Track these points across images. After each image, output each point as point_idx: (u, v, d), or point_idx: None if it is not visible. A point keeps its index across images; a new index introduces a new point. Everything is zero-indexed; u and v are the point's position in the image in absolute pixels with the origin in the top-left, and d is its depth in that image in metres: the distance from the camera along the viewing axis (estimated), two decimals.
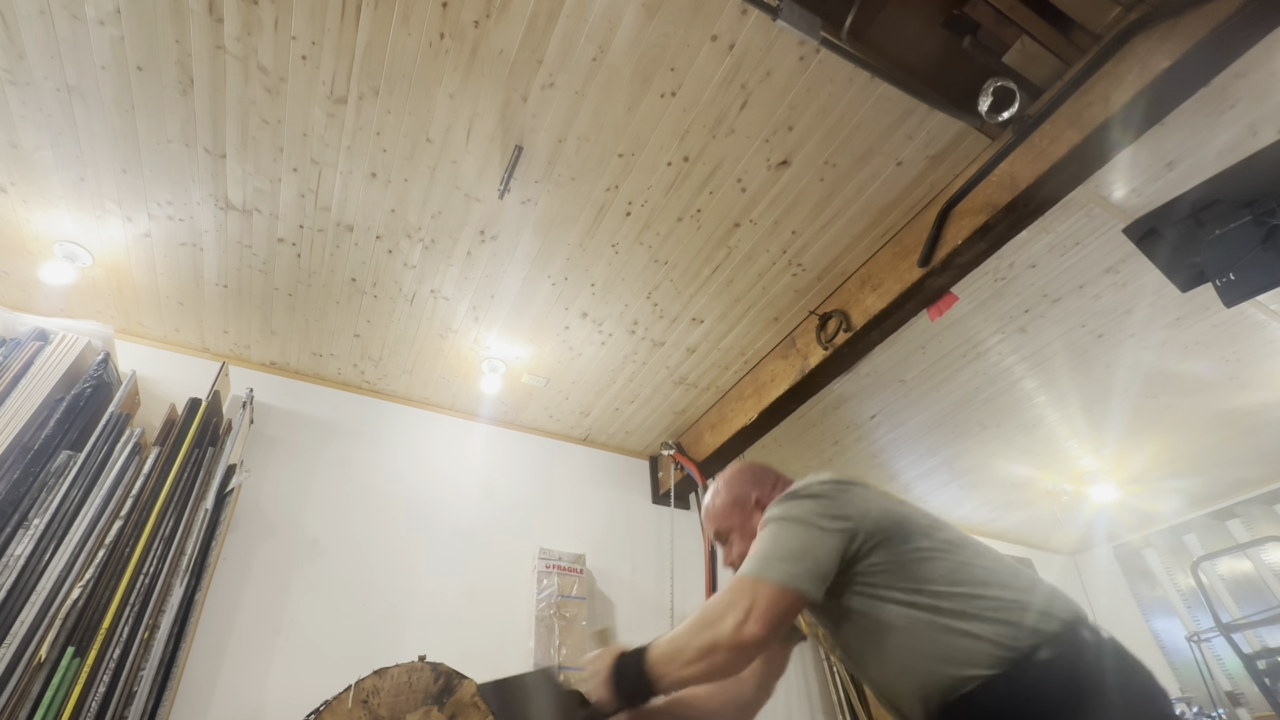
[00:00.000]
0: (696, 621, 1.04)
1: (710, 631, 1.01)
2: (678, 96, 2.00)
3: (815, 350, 2.75)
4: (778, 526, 1.10)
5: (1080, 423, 3.68)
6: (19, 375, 2.22)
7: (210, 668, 2.34)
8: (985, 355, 3.14)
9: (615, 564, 3.41)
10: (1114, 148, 1.84)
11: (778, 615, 1.00)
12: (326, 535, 2.79)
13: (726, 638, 0.99)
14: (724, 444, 3.29)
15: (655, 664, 1.04)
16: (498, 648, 2.86)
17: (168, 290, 2.68)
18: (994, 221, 2.06)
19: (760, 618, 0.98)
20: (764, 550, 1.07)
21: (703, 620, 1.03)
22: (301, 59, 1.89)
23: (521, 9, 1.78)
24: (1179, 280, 2.32)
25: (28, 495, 2.05)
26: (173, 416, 2.55)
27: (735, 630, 0.98)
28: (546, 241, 2.50)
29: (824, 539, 1.06)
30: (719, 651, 0.99)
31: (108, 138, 2.08)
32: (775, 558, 1.05)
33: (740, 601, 1.01)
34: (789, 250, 2.56)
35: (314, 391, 3.17)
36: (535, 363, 3.15)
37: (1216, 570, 4.47)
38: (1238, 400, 3.49)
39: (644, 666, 1.05)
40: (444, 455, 3.31)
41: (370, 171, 2.22)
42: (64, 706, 1.84)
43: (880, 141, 2.14)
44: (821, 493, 1.13)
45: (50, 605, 1.95)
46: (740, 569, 1.08)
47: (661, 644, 1.06)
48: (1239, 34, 1.57)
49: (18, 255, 2.50)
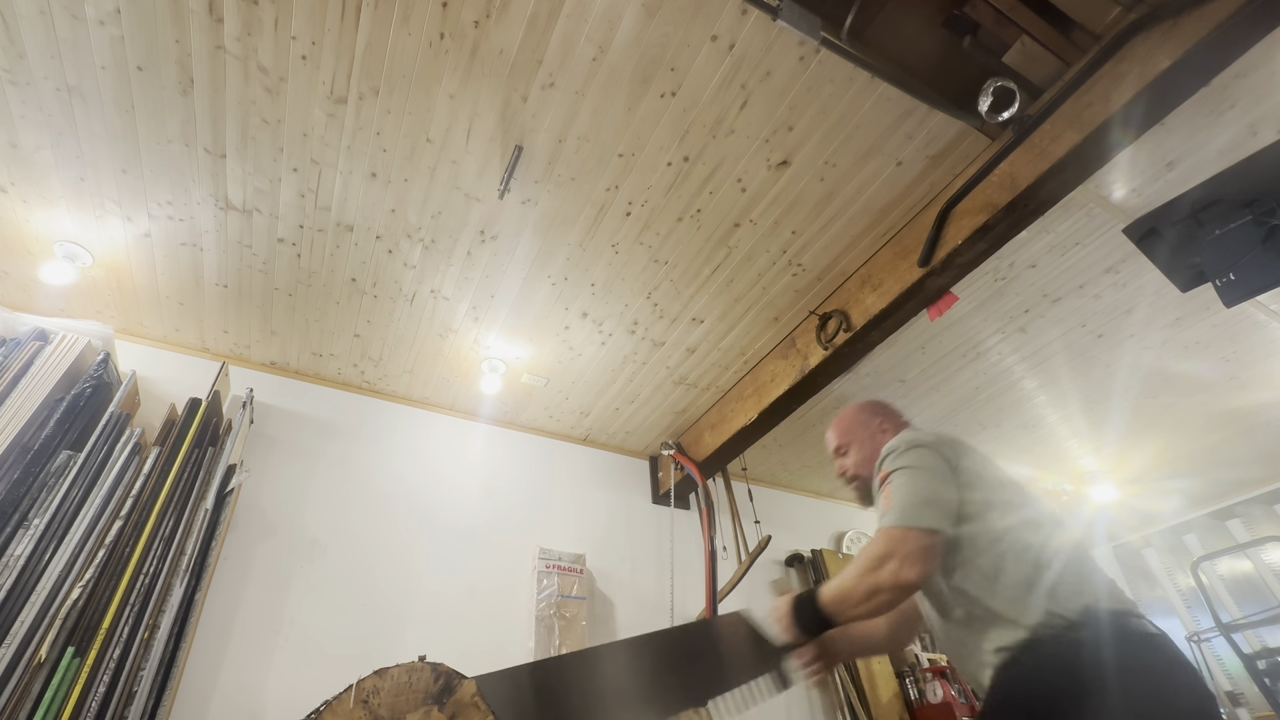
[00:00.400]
0: (858, 569, 1.18)
1: (873, 576, 1.15)
2: (678, 96, 2.00)
3: (815, 350, 2.75)
4: (908, 475, 1.23)
5: (1080, 423, 3.68)
6: (19, 375, 2.22)
7: (210, 668, 2.34)
8: (985, 355, 3.14)
9: (615, 564, 3.41)
10: (1114, 148, 1.84)
11: (928, 556, 1.13)
12: (326, 535, 2.79)
13: (887, 581, 1.13)
14: (724, 444, 3.29)
15: (829, 604, 1.21)
16: (498, 648, 2.86)
17: (168, 290, 2.68)
18: (994, 221, 2.06)
19: (914, 561, 1.12)
20: (902, 500, 1.20)
21: (864, 567, 1.17)
22: (301, 59, 1.89)
23: (521, 9, 1.78)
24: (1179, 280, 2.32)
25: (28, 495, 2.05)
26: (173, 416, 2.55)
27: (894, 574, 1.12)
28: (546, 241, 2.50)
29: (948, 486, 1.22)
30: (882, 592, 1.14)
31: (108, 138, 2.08)
32: (913, 505, 1.18)
33: (894, 549, 1.14)
34: (789, 250, 2.56)
35: (314, 391, 3.17)
36: (535, 363, 3.15)
37: (1216, 570, 4.47)
38: (1238, 400, 3.49)
39: (819, 606, 1.22)
40: (444, 455, 3.31)
41: (370, 171, 2.22)
42: (64, 706, 1.84)
43: (880, 141, 2.14)
44: (934, 443, 1.28)
45: (50, 605, 1.95)
46: (885, 520, 1.20)
47: (831, 588, 1.23)
48: (1239, 34, 1.57)
49: (18, 255, 2.50)
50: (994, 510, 1.22)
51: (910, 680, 3.43)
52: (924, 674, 3.41)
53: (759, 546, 3.16)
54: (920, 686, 3.39)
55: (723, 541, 3.67)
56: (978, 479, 1.25)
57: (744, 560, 3.28)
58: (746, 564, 3.23)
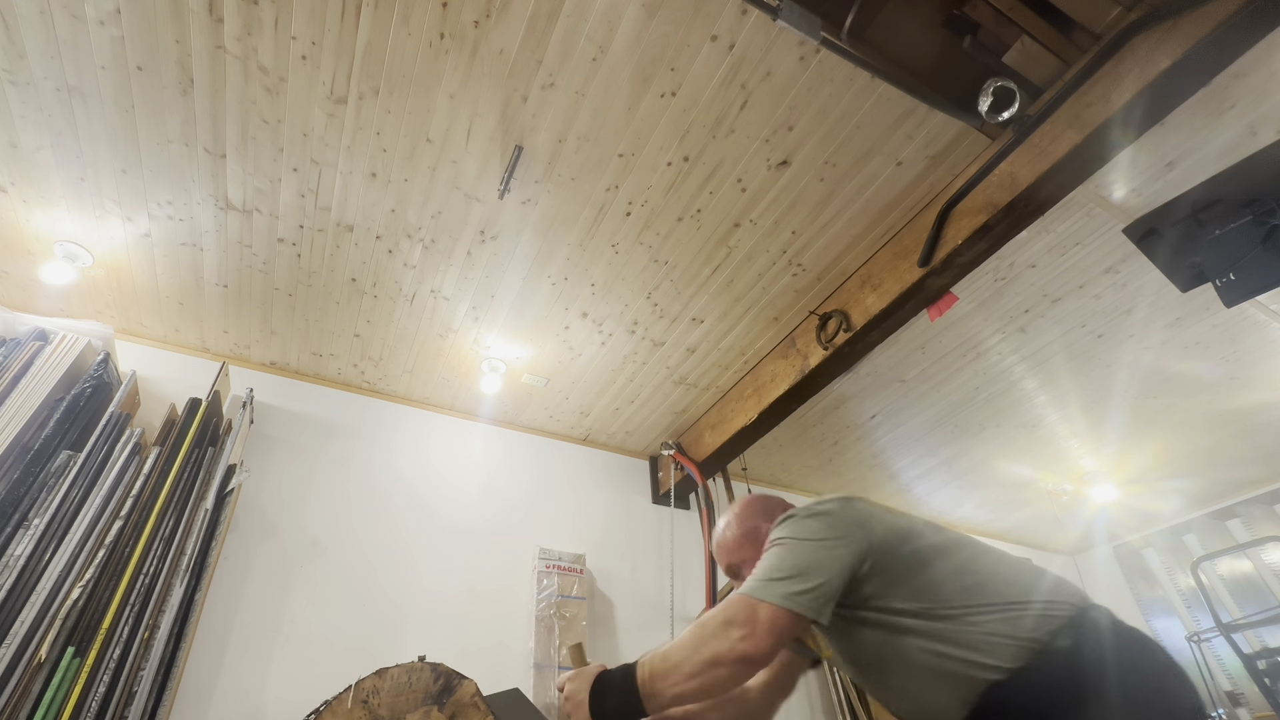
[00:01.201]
0: (694, 637, 1.02)
1: (710, 647, 1.00)
2: (678, 96, 2.00)
3: (815, 350, 2.75)
4: (781, 547, 1.10)
5: (1080, 423, 3.68)
6: (19, 375, 2.22)
7: (210, 668, 2.34)
8: (985, 355, 3.14)
9: (615, 564, 3.41)
10: (1114, 148, 1.84)
11: (778, 634, 0.99)
12: (327, 535, 2.79)
13: (727, 652, 0.98)
14: (724, 444, 3.29)
15: (648, 681, 1.02)
16: (498, 648, 2.86)
17: (168, 290, 2.69)
18: (994, 221, 2.06)
19: (762, 636, 0.98)
20: (766, 570, 1.07)
21: (701, 636, 1.02)
22: (301, 59, 1.89)
23: (521, 9, 1.78)
24: (1179, 280, 2.32)
25: (28, 495, 2.05)
26: (173, 416, 2.55)
27: (737, 644, 0.98)
28: (546, 241, 2.50)
29: (828, 557, 1.06)
30: (721, 665, 0.98)
31: (108, 138, 2.08)
32: (777, 578, 1.04)
33: (740, 618, 1.00)
34: (789, 250, 2.56)
35: (314, 391, 3.17)
36: (535, 363, 3.15)
37: (1216, 570, 4.47)
38: (1238, 400, 3.49)
39: (634, 684, 1.02)
40: (444, 455, 3.31)
41: (370, 171, 2.22)
42: (64, 706, 1.84)
43: (880, 141, 2.14)
44: (824, 510, 1.13)
45: (50, 605, 1.95)
46: (742, 587, 1.07)
47: (654, 660, 1.03)
48: (1239, 34, 1.57)
49: (18, 255, 2.50)
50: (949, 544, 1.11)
51: None
52: None
53: None
54: None
55: None
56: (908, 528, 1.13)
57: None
58: None
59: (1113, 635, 1.00)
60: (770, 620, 0.99)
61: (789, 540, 1.09)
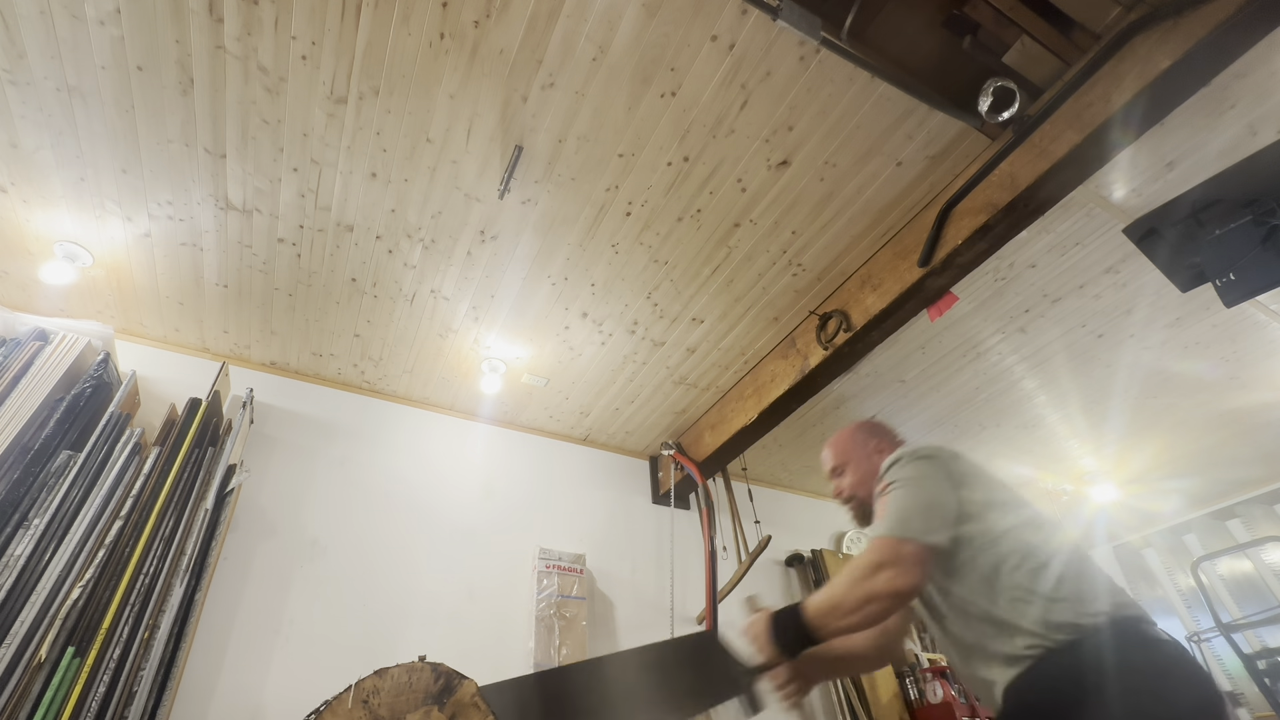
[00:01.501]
0: (849, 579, 1.16)
1: (866, 585, 1.13)
2: (678, 96, 2.00)
3: (815, 350, 2.75)
4: (904, 487, 1.23)
5: (1080, 423, 3.68)
6: (19, 375, 2.22)
7: (210, 668, 2.34)
8: (985, 355, 3.14)
9: (615, 564, 3.41)
10: (1114, 148, 1.84)
11: (922, 567, 1.12)
12: (327, 535, 2.79)
13: (882, 589, 1.11)
14: (724, 444, 3.29)
15: (815, 616, 1.17)
16: (498, 648, 2.86)
17: (168, 290, 2.69)
18: (994, 221, 2.06)
19: (908, 570, 1.11)
20: (897, 510, 1.19)
21: (855, 576, 1.15)
22: (301, 59, 1.89)
23: (521, 9, 1.78)
24: (1179, 280, 2.32)
25: (28, 495, 2.05)
26: (173, 416, 2.55)
27: (889, 582, 1.11)
28: (546, 241, 2.50)
29: (943, 494, 1.21)
30: (876, 600, 1.12)
31: (108, 138, 2.08)
32: (909, 515, 1.17)
33: (888, 557, 1.13)
34: (789, 250, 2.56)
35: (314, 391, 3.17)
36: (535, 363, 3.15)
37: (1216, 570, 4.47)
38: (1238, 400, 3.49)
39: (803, 620, 1.18)
40: (444, 455, 3.31)
41: (370, 171, 2.22)
42: (64, 706, 1.84)
43: (880, 141, 2.14)
44: (931, 455, 1.27)
45: (50, 605, 1.95)
46: (879, 529, 1.19)
47: (818, 600, 1.19)
48: (1239, 34, 1.57)
49: (18, 255, 2.50)
50: (994, 511, 1.21)
51: (910, 680, 3.43)
52: (924, 674, 3.41)
53: (759, 546, 3.17)
54: (920, 686, 3.39)
55: (723, 541, 3.67)
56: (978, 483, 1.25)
57: (744, 560, 3.28)
58: (746, 564, 3.23)
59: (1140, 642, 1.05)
60: (915, 555, 1.12)
61: (907, 481, 1.23)
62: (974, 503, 1.22)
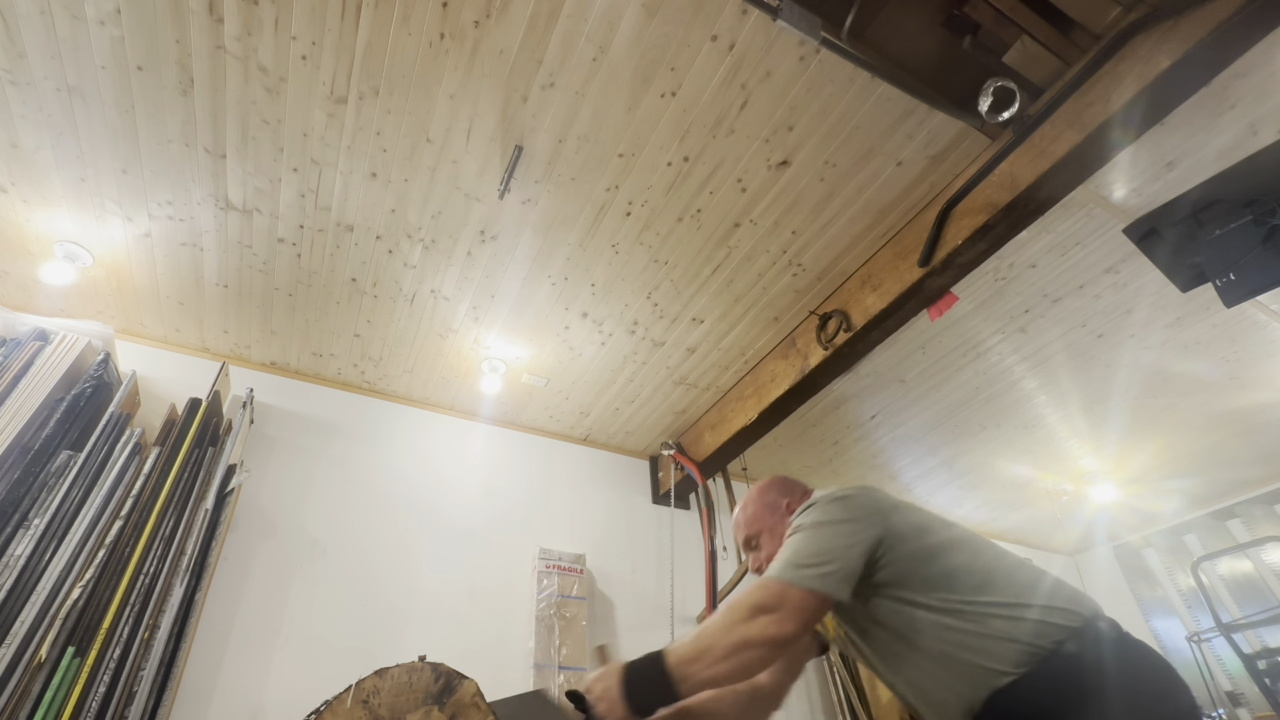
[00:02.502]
0: (724, 621, 1.06)
1: (740, 630, 1.04)
2: (678, 96, 2.00)
3: (815, 350, 2.75)
4: (804, 533, 1.14)
5: (1080, 423, 3.68)
6: (19, 375, 2.22)
7: (210, 668, 2.34)
8: (985, 355, 3.14)
9: (615, 564, 3.41)
10: (1114, 148, 1.84)
11: (806, 616, 1.04)
12: (327, 535, 2.79)
13: (756, 635, 1.02)
14: (724, 444, 3.29)
15: (678, 665, 1.04)
16: (498, 648, 2.86)
17: (168, 290, 2.69)
18: (994, 221, 2.06)
19: (789, 617, 1.03)
20: (790, 555, 1.11)
21: (730, 620, 1.06)
22: (301, 59, 1.89)
23: (521, 9, 1.78)
24: (1179, 280, 2.32)
25: (28, 495, 2.05)
26: (173, 416, 2.55)
27: (764, 628, 1.02)
28: (546, 241, 2.50)
29: (848, 542, 1.10)
30: (750, 648, 1.02)
31: (108, 138, 2.08)
32: (802, 562, 1.08)
33: (769, 601, 1.05)
34: (789, 250, 2.56)
35: (314, 391, 3.17)
36: (535, 363, 3.15)
37: (1217, 570, 4.47)
38: (1238, 400, 3.49)
39: (665, 670, 1.04)
40: (444, 455, 3.31)
41: (370, 171, 2.22)
42: (64, 706, 1.84)
43: (880, 141, 2.14)
44: (844, 496, 1.18)
45: (50, 605, 1.95)
46: (768, 571, 1.11)
47: (683, 647, 1.07)
48: (1239, 34, 1.57)
49: (18, 255, 2.50)
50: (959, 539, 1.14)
51: None
52: None
53: None
54: None
55: (723, 541, 3.67)
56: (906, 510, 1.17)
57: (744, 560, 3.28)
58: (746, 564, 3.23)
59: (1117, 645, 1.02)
60: (799, 602, 1.04)
61: (812, 526, 1.14)
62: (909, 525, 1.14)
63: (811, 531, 1.13)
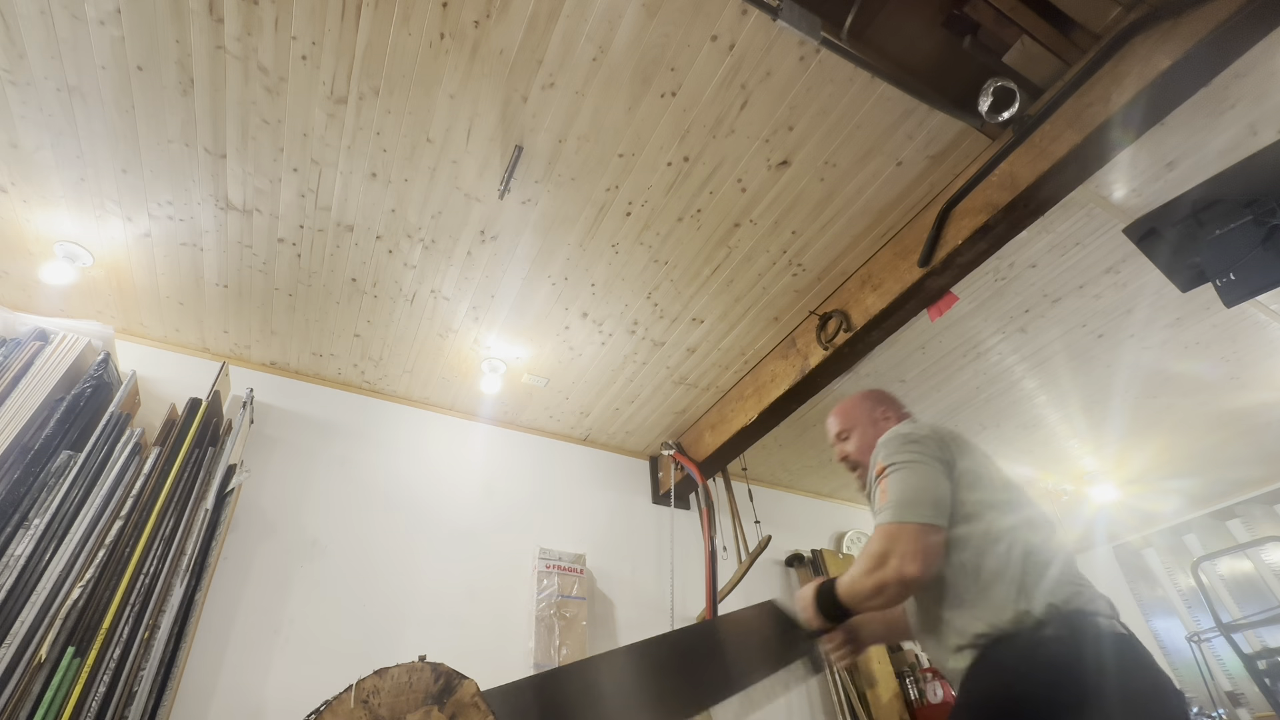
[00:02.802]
0: (862, 567, 1.20)
1: (877, 574, 1.17)
2: (678, 96, 2.00)
3: (815, 350, 2.75)
4: (903, 471, 1.25)
5: (1080, 423, 3.68)
6: (19, 375, 2.22)
7: (210, 668, 2.34)
8: (985, 355, 3.14)
9: (615, 564, 3.41)
10: (1114, 148, 1.84)
11: (928, 551, 1.15)
12: (327, 535, 2.79)
13: (891, 577, 1.15)
14: (724, 444, 3.29)
15: (844, 597, 1.24)
16: (498, 648, 2.86)
17: (168, 290, 2.69)
18: (994, 221, 2.06)
19: (914, 557, 1.14)
20: (896, 497, 1.21)
21: (867, 565, 1.19)
22: (302, 59, 1.89)
23: (521, 9, 1.78)
24: (1179, 280, 2.32)
25: (28, 495, 2.05)
26: (173, 416, 2.55)
27: (897, 570, 1.14)
28: (546, 241, 2.50)
29: (938, 476, 1.23)
30: (889, 587, 1.16)
31: (108, 138, 2.08)
32: (908, 501, 1.19)
33: (894, 546, 1.16)
34: (789, 250, 2.56)
35: (314, 391, 3.17)
36: (535, 363, 3.15)
37: (1217, 570, 4.46)
38: (1238, 400, 3.49)
39: (837, 598, 1.25)
40: (444, 455, 3.31)
41: (370, 171, 2.22)
42: (64, 706, 1.84)
43: (880, 141, 2.14)
44: (925, 436, 1.30)
45: (50, 605, 1.95)
46: (881, 516, 1.22)
47: (844, 582, 1.25)
48: (1239, 34, 1.57)
49: (18, 255, 2.50)
50: (992, 510, 1.22)
51: (910, 680, 3.43)
52: (924, 674, 3.41)
53: (759, 546, 3.16)
54: (920, 686, 3.39)
55: (723, 541, 3.67)
56: (976, 479, 1.26)
57: (744, 560, 3.28)
58: (746, 564, 3.23)
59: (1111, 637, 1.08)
60: (917, 540, 1.15)
61: (902, 463, 1.25)
62: (969, 503, 1.23)
63: (905, 469, 1.24)
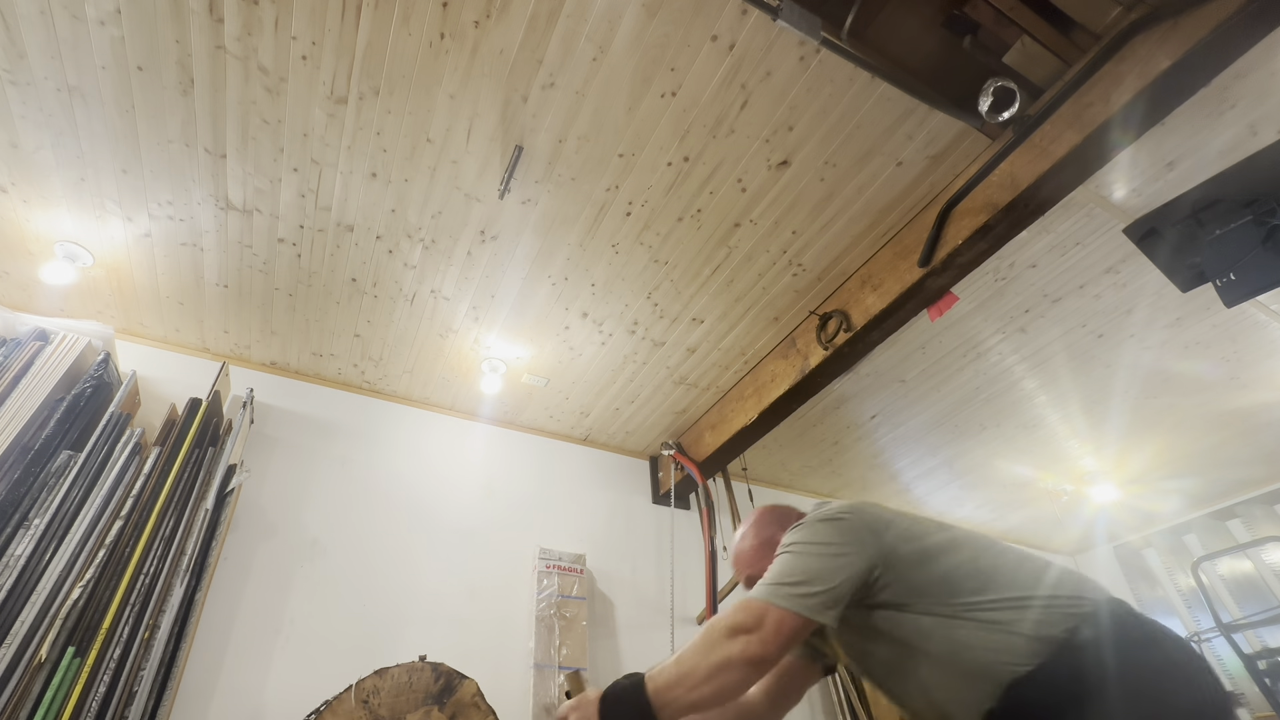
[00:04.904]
0: (703, 643, 1.05)
1: (720, 650, 1.03)
2: (678, 96, 2.00)
3: (815, 350, 2.75)
4: (790, 553, 1.13)
5: (1080, 423, 3.68)
6: (19, 375, 2.22)
7: (210, 668, 2.34)
8: (985, 355, 3.14)
9: (615, 564, 3.41)
10: (1114, 148, 1.84)
11: (785, 637, 1.03)
12: (327, 535, 2.79)
13: (738, 655, 1.02)
14: (724, 444, 3.29)
15: (660, 691, 1.03)
16: (498, 648, 2.86)
17: (168, 290, 2.69)
18: (994, 221, 2.06)
19: (769, 640, 1.02)
20: (775, 575, 1.10)
21: (709, 641, 1.05)
22: (302, 59, 1.89)
23: (521, 9, 1.79)
24: (1179, 280, 2.32)
25: (28, 495, 2.05)
26: (173, 416, 2.55)
27: (745, 649, 1.02)
28: (546, 241, 2.50)
29: (835, 566, 1.08)
30: (731, 669, 1.02)
31: (108, 138, 2.08)
32: (784, 581, 1.07)
33: (748, 621, 1.04)
34: (789, 250, 2.56)
35: (314, 391, 3.17)
36: (535, 363, 3.15)
37: (1217, 570, 4.46)
38: (1238, 400, 3.49)
39: (645, 698, 1.03)
40: (444, 455, 3.31)
41: (370, 171, 2.22)
42: (64, 706, 1.84)
43: (880, 141, 2.14)
44: (835, 518, 1.15)
45: (50, 605, 1.95)
46: (751, 591, 1.10)
47: (663, 672, 1.06)
48: (1239, 34, 1.57)
49: (18, 255, 2.50)
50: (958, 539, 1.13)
51: None
52: None
53: None
54: None
55: (723, 541, 3.67)
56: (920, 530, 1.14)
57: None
58: None
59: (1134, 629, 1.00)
60: (778, 623, 1.03)
61: (799, 546, 1.12)
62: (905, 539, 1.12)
63: (798, 552, 1.11)
